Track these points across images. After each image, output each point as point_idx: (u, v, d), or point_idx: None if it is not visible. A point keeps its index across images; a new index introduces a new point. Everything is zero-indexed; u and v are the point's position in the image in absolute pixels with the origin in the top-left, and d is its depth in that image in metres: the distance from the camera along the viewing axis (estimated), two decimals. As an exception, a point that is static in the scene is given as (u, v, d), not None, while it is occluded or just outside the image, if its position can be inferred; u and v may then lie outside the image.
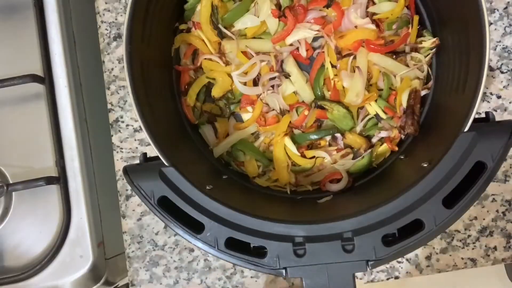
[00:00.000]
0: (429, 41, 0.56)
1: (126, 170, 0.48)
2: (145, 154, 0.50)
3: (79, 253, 0.59)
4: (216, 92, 0.58)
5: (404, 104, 0.56)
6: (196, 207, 0.46)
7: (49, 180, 0.58)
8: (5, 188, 0.57)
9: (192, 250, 0.62)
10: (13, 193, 0.60)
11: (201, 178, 0.50)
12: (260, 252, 0.45)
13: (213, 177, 0.56)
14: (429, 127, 0.55)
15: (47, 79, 0.59)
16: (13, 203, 0.60)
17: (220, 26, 0.58)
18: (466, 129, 0.44)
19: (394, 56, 0.56)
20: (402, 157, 0.56)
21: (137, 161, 0.62)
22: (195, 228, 0.46)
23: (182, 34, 0.59)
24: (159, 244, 0.62)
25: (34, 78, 0.58)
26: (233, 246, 0.45)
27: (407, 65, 0.57)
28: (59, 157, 0.59)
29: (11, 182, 0.60)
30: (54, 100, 0.60)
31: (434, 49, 0.56)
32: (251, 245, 0.46)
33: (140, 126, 0.62)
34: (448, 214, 0.44)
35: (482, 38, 0.45)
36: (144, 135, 0.62)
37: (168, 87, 0.59)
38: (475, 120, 0.44)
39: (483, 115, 0.47)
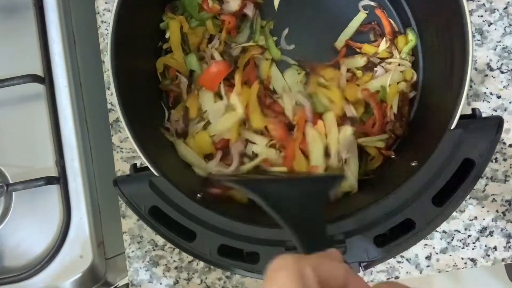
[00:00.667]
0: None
1: (117, 182, 0.48)
2: (135, 164, 0.50)
3: (79, 253, 0.59)
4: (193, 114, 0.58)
5: (395, 109, 0.56)
6: (187, 215, 0.46)
7: (49, 180, 0.58)
8: (5, 188, 0.57)
9: (192, 250, 0.62)
10: (13, 193, 0.60)
11: (191, 186, 0.49)
12: (253, 258, 0.45)
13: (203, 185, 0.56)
14: (418, 127, 0.55)
15: (47, 79, 0.59)
16: (13, 203, 0.60)
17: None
18: (452, 127, 0.44)
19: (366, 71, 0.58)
20: (393, 156, 0.55)
21: (139, 162, 0.62)
22: (187, 236, 0.46)
23: (162, 58, 0.59)
24: (159, 244, 0.62)
25: (34, 78, 0.58)
26: (226, 253, 0.45)
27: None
28: (59, 157, 0.59)
29: (11, 182, 0.60)
30: (54, 100, 0.59)
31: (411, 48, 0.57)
32: (244, 251, 0.45)
33: (140, 126, 0.62)
34: (438, 212, 0.44)
35: (464, 33, 0.44)
36: (144, 135, 0.62)
37: (157, 98, 0.59)
38: (462, 117, 0.44)
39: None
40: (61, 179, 0.59)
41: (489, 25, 0.59)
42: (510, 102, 0.59)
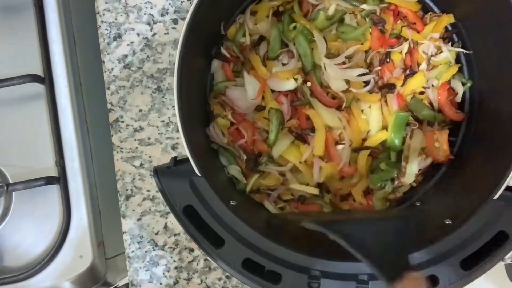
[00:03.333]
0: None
1: (157, 172, 0.47)
2: (175, 157, 0.49)
3: (79, 253, 0.59)
4: None
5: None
6: (220, 222, 0.45)
7: (49, 180, 0.58)
8: (5, 188, 0.57)
9: (192, 250, 0.62)
10: (13, 193, 0.60)
11: (226, 192, 0.49)
12: (273, 278, 0.45)
13: (236, 193, 0.56)
14: (457, 185, 0.55)
15: (47, 79, 0.59)
16: (13, 203, 0.60)
17: None
18: (495, 197, 0.44)
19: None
20: (418, 203, 0.55)
21: (139, 162, 0.63)
22: (215, 243, 0.45)
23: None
24: (159, 244, 0.62)
25: (34, 78, 0.58)
26: (249, 266, 0.45)
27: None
28: (59, 157, 0.59)
29: (11, 182, 0.60)
30: (54, 100, 0.60)
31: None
32: (265, 269, 0.45)
33: (140, 126, 0.62)
34: (464, 276, 0.44)
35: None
36: (144, 135, 0.62)
37: (204, 103, 0.59)
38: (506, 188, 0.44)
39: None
40: (61, 179, 0.59)
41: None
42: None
